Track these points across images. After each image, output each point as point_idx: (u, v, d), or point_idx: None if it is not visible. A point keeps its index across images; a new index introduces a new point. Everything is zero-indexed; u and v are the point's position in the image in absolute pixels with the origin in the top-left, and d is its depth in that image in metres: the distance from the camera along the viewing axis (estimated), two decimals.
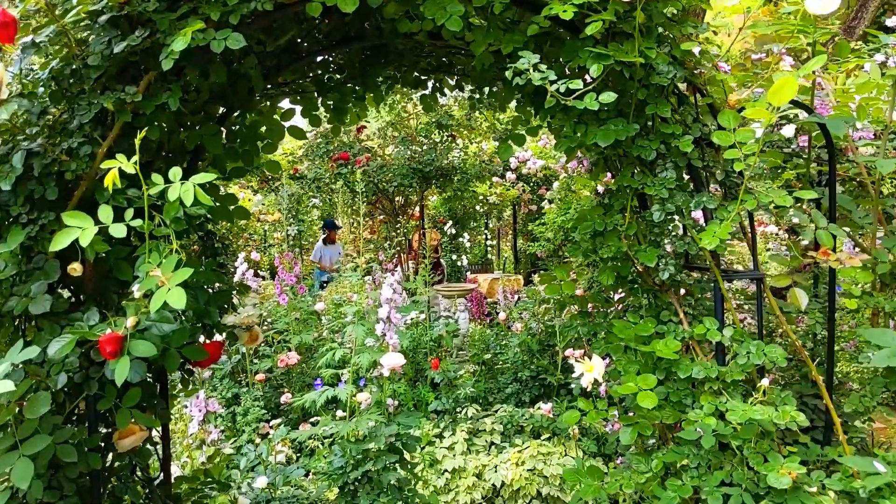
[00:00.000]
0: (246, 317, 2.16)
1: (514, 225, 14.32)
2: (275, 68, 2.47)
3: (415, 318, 5.97)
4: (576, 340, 6.33)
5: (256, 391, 5.49)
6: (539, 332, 6.50)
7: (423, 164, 6.24)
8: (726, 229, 1.82)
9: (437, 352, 6.10)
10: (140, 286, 1.69)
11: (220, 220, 2.65)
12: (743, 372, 1.89)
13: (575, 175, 6.34)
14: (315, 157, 6.78)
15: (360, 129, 7.19)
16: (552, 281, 2.44)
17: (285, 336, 5.98)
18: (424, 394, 5.76)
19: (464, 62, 2.60)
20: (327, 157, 6.57)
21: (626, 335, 2.04)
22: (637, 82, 1.86)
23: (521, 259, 14.50)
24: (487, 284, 12.11)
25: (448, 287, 7.39)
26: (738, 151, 1.81)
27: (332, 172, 6.50)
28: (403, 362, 3.85)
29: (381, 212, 7.31)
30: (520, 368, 6.14)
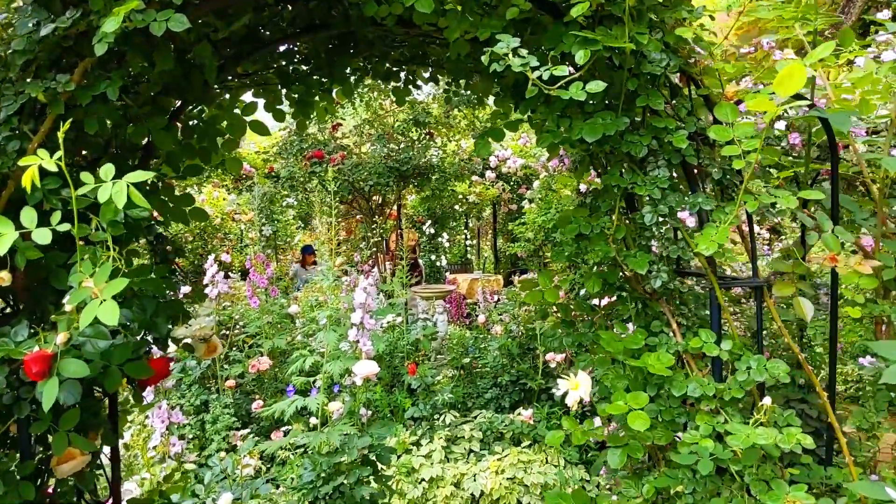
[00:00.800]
0: (199, 329, 1.96)
1: (495, 224, 14.18)
2: (233, 58, 2.28)
3: (391, 321, 5.79)
4: (557, 344, 6.18)
5: (226, 398, 5.27)
6: (519, 335, 6.35)
7: (399, 163, 6.04)
8: (724, 233, 1.66)
9: (414, 356, 5.92)
10: (70, 298, 1.49)
11: (177, 222, 2.44)
12: (742, 390, 1.73)
13: (556, 174, 6.19)
14: (288, 155, 6.55)
15: (335, 126, 6.98)
16: (533, 288, 2.26)
17: (257, 340, 5.77)
18: (401, 400, 5.57)
19: (438, 52, 2.42)
20: (301, 156, 6.34)
21: (614, 348, 1.87)
22: (627, 71, 1.69)
23: (502, 259, 14.37)
24: (467, 285, 11.95)
25: (426, 288, 7.21)
26: (738, 148, 1.65)
27: (305, 171, 6.27)
28: (377, 370, 3.67)
29: (358, 211, 7.10)
30: (500, 373, 5.98)
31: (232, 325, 6.17)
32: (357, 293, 3.82)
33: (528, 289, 2.30)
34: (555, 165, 5.58)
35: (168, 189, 2.41)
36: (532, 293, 2.23)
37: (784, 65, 1.57)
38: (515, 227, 9.88)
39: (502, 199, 11.64)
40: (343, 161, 6.16)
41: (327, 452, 3.65)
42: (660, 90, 1.74)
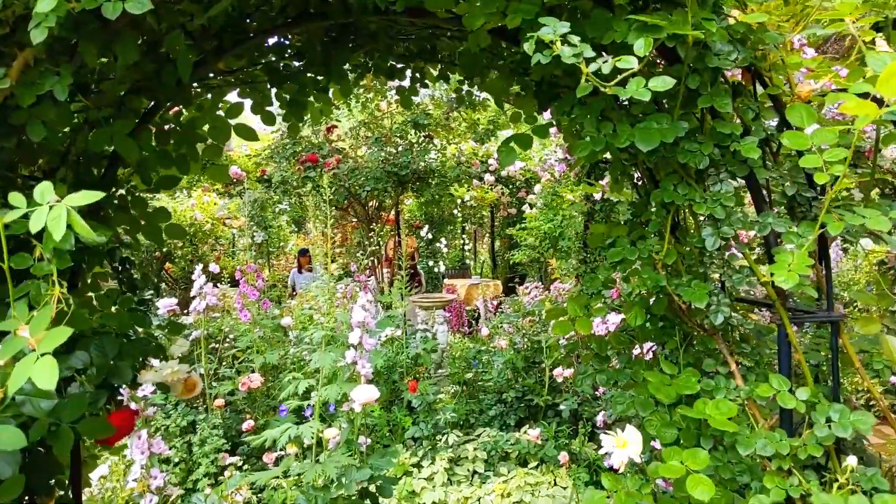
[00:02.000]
0: (170, 373, 1.66)
1: (493, 228, 13.88)
2: (214, 52, 1.97)
3: (390, 334, 5.49)
4: (563, 357, 5.90)
5: (215, 418, 4.95)
6: (524, 348, 6.05)
7: (398, 167, 5.74)
8: (803, 260, 1.37)
9: (414, 371, 5.62)
10: (1, 350, 1.19)
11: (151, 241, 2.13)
12: (821, 447, 1.44)
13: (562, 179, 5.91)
14: (281, 158, 6.24)
15: (329, 128, 6.68)
16: (561, 316, 1.97)
17: (248, 355, 5.45)
18: (401, 418, 5.27)
19: (450, 46, 2.13)
20: (294, 159, 6.04)
21: (664, 394, 1.58)
22: (687, 66, 1.41)
23: (500, 263, 14.08)
24: (465, 290, 11.65)
25: (426, 298, 6.91)
26: (819, 159, 1.36)
27: (299, 176, 5.96)
28: (377, 395, 3.36)
29: (354, 217, 6.80)
30: (504, 388, 5.69)
31: (221, 338, 5.85)
32: (355, 311, 3.52)
33: (556, 318, 2.01)
34: (562, 170, 5.29)
35: (139, 202, 2.10)
36: (561, 324, 1.94)
37: (880, 60, 1.28)
38: (516, 231, 9.59)
39: (501, 203, 11.36)
40: (338, 165, 5.85)
41: (323, 486, 3.35)
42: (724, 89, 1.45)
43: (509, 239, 12.60)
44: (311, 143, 6.27)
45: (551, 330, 1.94)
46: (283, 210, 8.53)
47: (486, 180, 10.90)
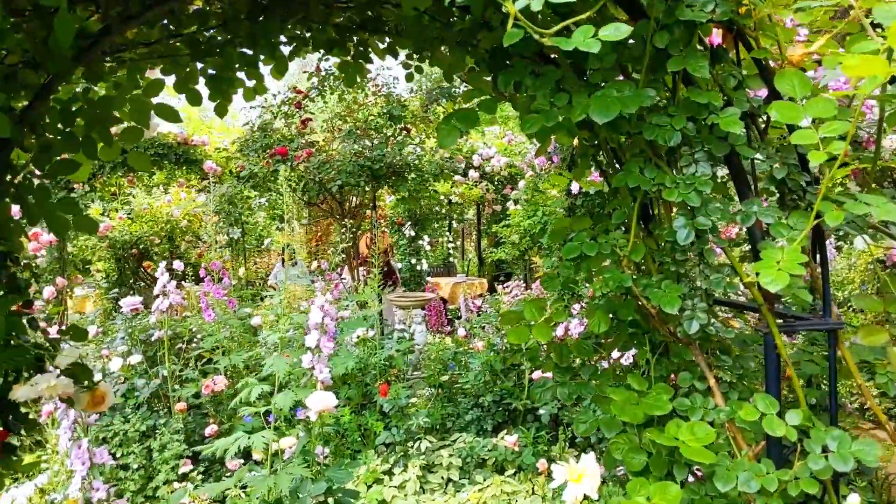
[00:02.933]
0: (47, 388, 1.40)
1: (479, 226, 13.64)
2: (121, 19, 1.71)
3: (362, 334, 5.23)
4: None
5: (177, 422, 4.68)
6: (503, 349, 5.81)
7: (372, 161, 5.47)
8: (795, 258, 1.13)
9: (387, 374, 5.37)
10: None
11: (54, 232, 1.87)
12: (816, 482, 1.20)
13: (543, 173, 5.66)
14: (250, 151, 5.96)
15: (304, 121, 6.40)
16: (518, 321, 1.72)
17: (214, 356, 5.18)
18: (372, 423, 5.01)
19: (397, 16, 1.87)
20: (264, 153, 5.76)
21: (630, 415, 1.34)
22: (654, 21, 1.16)
23: (486, 261, 13.84)
24: (450, 289, 11.40)
25: (403, 297, 6.66)
26: (814, 134, 1.12)
27: (267, 169, 5.68)
28: (334, 403, 3.11)
29: (329, 214, 6.52)
30: (482, 391, 5.45)
31: (187, 339, 5.58)
32: (312, 312, 3.26)
33: (512, 322, 1.76)
34: (542, 163, 5.05)
35: (40, 191, 1.84)
36: (517, 330, 1.69)
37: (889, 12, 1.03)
38: (500, 229, 9.35)
39: (486, 200, 11.12)
40: (309, 158, 5.57)
41: (276, 500, 3.10)
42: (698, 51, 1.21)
43: (495, 236, 12.36)
44: (284, 135, 5.99)
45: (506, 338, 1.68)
46: (260, 205, 8.24)
47: (471, 176, 10.65)
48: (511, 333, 1.72)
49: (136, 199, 8.65)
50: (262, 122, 6.01)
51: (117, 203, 8.97)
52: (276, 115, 6.12)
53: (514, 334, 1.71)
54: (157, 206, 8.59)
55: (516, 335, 1.71)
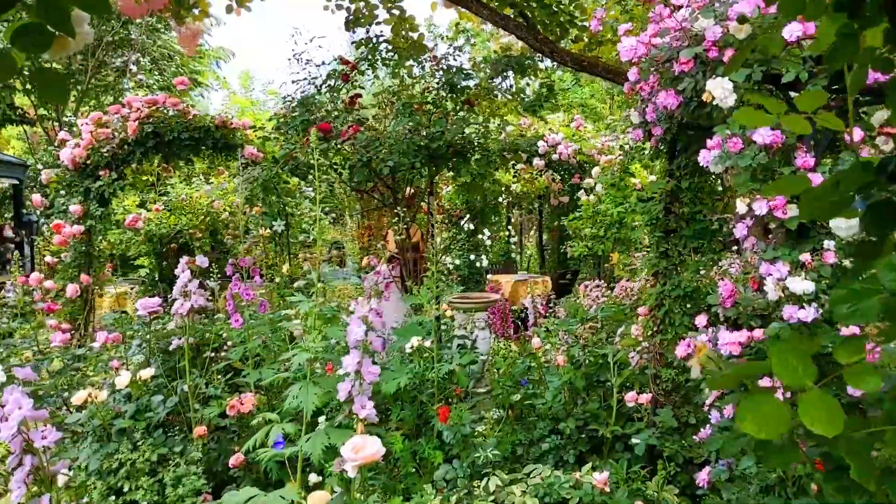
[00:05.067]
0: None
1: (540, 219, 12.65)
2: None
3: (418, 343, 4.38)
4: (638, 374, 4.69)
5: (195, 450, 3.91)
6: (585, 363, 4.87)
7: (428, 138, 4.59)
8: None
9: (447, 390, 4.51)
10: None
11: None
12: None
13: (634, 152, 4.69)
14: (289, 129, 5.15)
15: (353, 98, 5.59)
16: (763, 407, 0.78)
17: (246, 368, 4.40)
18: (429, 452, 4.15)
19: None
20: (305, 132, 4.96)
21: None
22: None
23: (548, 258, 12.84)
24: (510, 287, 10.45)
25: (464, 298, 5.77)
26: None
27: (306, 148, 4.86)
28: (380, 452, 2.25)
29: (381, 203, 5.70)
30: (561, 415, 4.52)
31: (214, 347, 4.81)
32: (352, 324, 2.41)
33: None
34: (638, 137, 4.08)
35: None
36: (761, 416, 0.75)
37: None
38: (570, 221, 8.36)
39: (552, 191, 10.13)
40: (355, 135, 4.73)
41: None
42: None
43: (560, 231, 11.34)
44: (329, 112, 5.18)
45: (742, 427, 0.74)
46: (306, 195, 7.48)
47: (535, 164, 9.69)
48: (749, 413, 0.78)
49: (175, 190, 8.02)
50: (303, 98, 5.22)
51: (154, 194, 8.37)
52: (319, 88, 5.32)
53: (755, 417, 0.78)
54: (196, 196, 7.94)
55: (759, 420, 0.77)
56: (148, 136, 6.62)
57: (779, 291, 2.56)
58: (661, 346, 4.41)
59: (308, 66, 5.44)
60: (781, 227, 2.66)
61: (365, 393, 2.39)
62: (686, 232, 4.28)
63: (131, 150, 6.68)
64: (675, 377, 4.38)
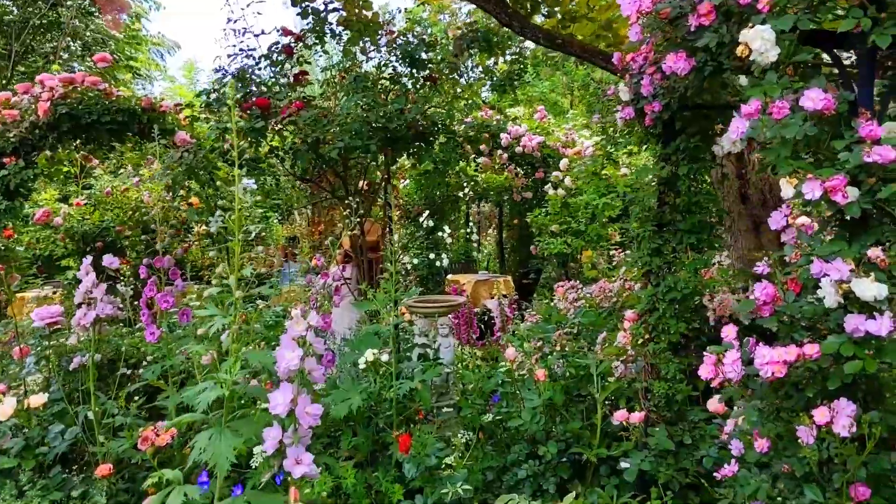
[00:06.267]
0: None
1: (500, 216, 12.07)
2: None
3: (373, 357, 3.72)
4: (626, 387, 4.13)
5: (99, 494, 3.17)
6: (565, 375, 4.28)
7: (386, 117, 3.90)
8: None
9: (408, 410, 3.86)
10: None
11: None
12: None
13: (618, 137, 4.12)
14: (221, 106, 4.40)
15: (298, 76, 4.88)
16: None
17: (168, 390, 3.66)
18: (387, 486, 3.49)
19: None
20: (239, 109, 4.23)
21: None
22: None
23: (508, 256, 12.28)
24: (471, 288, 9.83)
25: (425, 302, 5.13)
26: None
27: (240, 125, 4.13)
28: None
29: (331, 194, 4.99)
30: (540, 437, 3.92)
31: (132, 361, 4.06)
32: (283, 349, 1.73)
33: None
34: (629, 116, 3.50)
35: None
36: None
37: None
38: (536, 217, 7.79)
39: (515, 186, 9.56)
40: (299, 113, 4.01)
41: None
42: None
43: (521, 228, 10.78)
44: (267, 87, 4.46)
45: None
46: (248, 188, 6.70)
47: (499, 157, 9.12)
48: None
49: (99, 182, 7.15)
50: (240, 71, 4.48)
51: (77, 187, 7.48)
52: (258, 61, 4.59)
53: None
54: (123, 189, 7.09)
55: None
56: (62, 119, 5.78)
57: (838, 296, 1.99)
58: (654, 356, 3.85)
59: (245, 38, 4.72)
60: (839, 216, 2.09)
61: (301, 442, 1.72)
62: (682, 225, 3.72)
63: (43, 135, 5.83)
64: (669, 391, 3.82)
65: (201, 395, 1.82)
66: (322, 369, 1.78)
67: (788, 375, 2.09)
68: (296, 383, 1.77)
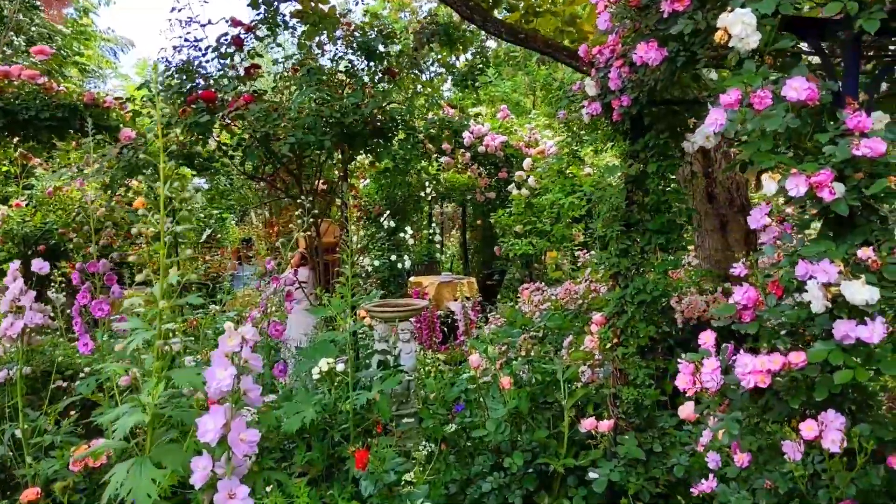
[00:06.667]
0: None
1: (464, 216, 11.91)
2: None
3: (328, 366, 3.49)
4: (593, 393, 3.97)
5: None
6: (531, 381, 4.12)
7: (342, 112, 3.68)
8: None
9: (366, 421, 3.64)
10: None
11: None
12: None
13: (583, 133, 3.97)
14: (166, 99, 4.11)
15: (250, 69, 4.61)
16: None
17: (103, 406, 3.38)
18: None
19: None
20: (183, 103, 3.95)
21: None
22: None
23: (472, 258, 12.13)
24: (434, 290, 9.63)
25: (385, 306, 4.92)
26: None
27: (182, 121, 3.83)
28: None
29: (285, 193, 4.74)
30: (505, 448, 3.74)
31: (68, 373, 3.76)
32: (213, 368, 1.51)
33: None
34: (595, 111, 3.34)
35: None
36: None
37: None
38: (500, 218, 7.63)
39: (478, 186, 9.40)
40: (248, 107, 3.75)
41: None
42: None
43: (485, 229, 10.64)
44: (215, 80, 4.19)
45: None
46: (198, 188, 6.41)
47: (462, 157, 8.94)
48: None
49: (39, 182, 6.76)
50: (185, 63, 4.18)
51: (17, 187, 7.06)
52: (205, 52, 4.30)
53: None
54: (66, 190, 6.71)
55: None
56: None
57: (826, 301, 1.84)
58: (623, 360, 3.70)
59: (191, 28, 4.43)
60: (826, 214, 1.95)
61: (236, 473, 1.50)
62: (651, 225, 3.58)
63: None
64: (638, 397, 3.68)
65: (118, 422, 1.58)
66: (258, 390, 1.56)
67: (772, 385, 1.94)
68: (229, 406, 1.54)
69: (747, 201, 4.84)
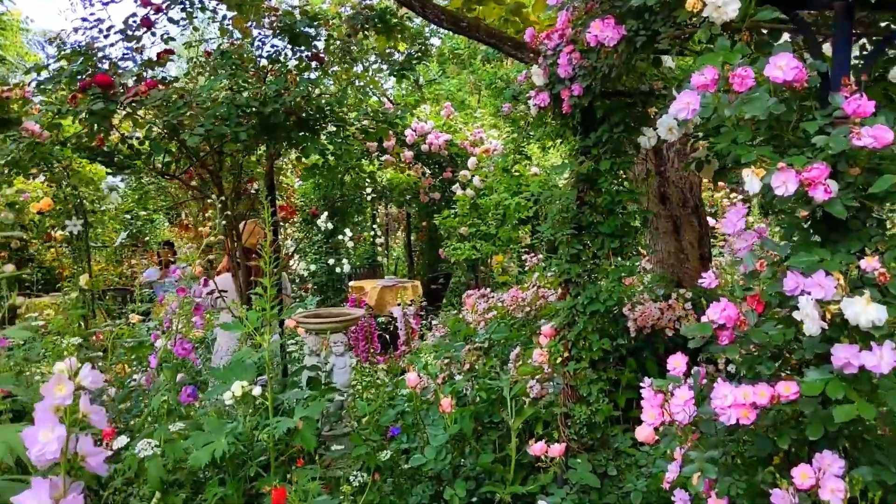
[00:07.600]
0: None
1: (408, 218, 11.51)
2: None
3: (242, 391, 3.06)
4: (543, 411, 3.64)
5: None
6: (475, 399, 3.76)
7: (260, 100, 3.24)
8: None
9: (289, 449, 3.22)
10: None
11: None
12: None
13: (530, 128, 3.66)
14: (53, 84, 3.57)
15: (162, 54, 4.12)
16: None
17: None
18: None
19: None
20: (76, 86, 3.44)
21: None
22: None
23: (417, 261, 11.75)
24: (377, 294, 9.20)
25: (316, 317, 4.50)
26: None
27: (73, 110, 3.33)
28: None
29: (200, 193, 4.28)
30: (446, 475, 3.36)
31: None
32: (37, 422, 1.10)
33: None
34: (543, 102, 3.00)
35: None
36: None
37: None
38: (444, 220, 7.27)
39: (422, 186, 9.03)
40: (148, 92, 3.28)
41: None
42: None
43: (430, 231, 10.27)
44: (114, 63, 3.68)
45: None
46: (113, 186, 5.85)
47: (404, 156, 8.56)
48: None
49: None
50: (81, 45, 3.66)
51: None
52: (107, 33, 3.79)
53: None
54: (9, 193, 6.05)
55: None
56: None
57: (820, 321, 1.53)
58: (574, 376, 3.38)
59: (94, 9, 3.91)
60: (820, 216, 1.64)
61: None
62: (604, 228, 3.27)
63: None
64: (591, 416, 3.37)
65: None
66: (102, 454, 1.15)
67: (757, 421, 1.62)
68: (61, 479, 1.13)
69: (701, 202, 4.59)
